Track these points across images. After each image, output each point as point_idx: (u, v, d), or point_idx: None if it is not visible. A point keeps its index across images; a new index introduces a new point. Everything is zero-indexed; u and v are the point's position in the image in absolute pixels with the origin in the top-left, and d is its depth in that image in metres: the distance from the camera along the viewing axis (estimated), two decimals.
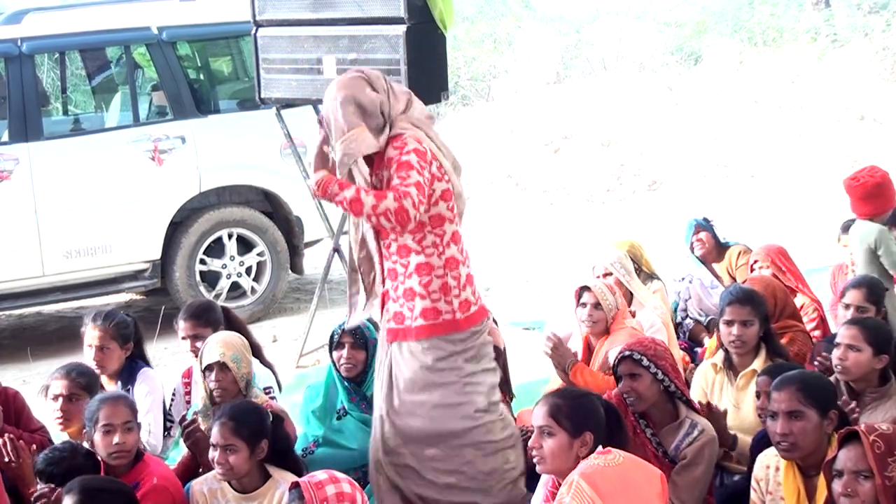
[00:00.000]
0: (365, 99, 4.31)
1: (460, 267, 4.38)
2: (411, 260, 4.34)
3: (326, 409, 5.00)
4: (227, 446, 4.12)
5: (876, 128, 13.57)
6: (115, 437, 4.20)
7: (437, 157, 4.34)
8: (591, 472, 3.47)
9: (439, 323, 4.34)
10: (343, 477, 3.60)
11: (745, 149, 13.04)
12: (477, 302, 4.45)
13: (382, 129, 4.32)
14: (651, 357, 4.48)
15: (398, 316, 4.39)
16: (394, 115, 4.36)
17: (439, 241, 4.34)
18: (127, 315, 5.40)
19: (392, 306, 4.41)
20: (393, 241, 4.36)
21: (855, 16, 17.28)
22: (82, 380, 4.66)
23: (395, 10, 6.40)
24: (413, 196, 4.14)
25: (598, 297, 5.38)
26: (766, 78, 14.54)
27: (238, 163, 8.60)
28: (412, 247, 4.34)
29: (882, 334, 4.60)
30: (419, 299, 4.33)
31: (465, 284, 4.39)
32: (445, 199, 4.35)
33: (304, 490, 3.48)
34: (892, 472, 3.24)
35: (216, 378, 4.72)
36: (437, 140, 4.42)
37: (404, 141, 4.27)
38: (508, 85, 15.77)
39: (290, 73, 6.95)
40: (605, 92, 14.30)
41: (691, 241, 6.97)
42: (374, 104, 4.32)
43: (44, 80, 11.89)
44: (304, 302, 9.00)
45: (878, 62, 15.14)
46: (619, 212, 11.99)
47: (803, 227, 10.01)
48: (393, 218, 4.13)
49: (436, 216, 4.33)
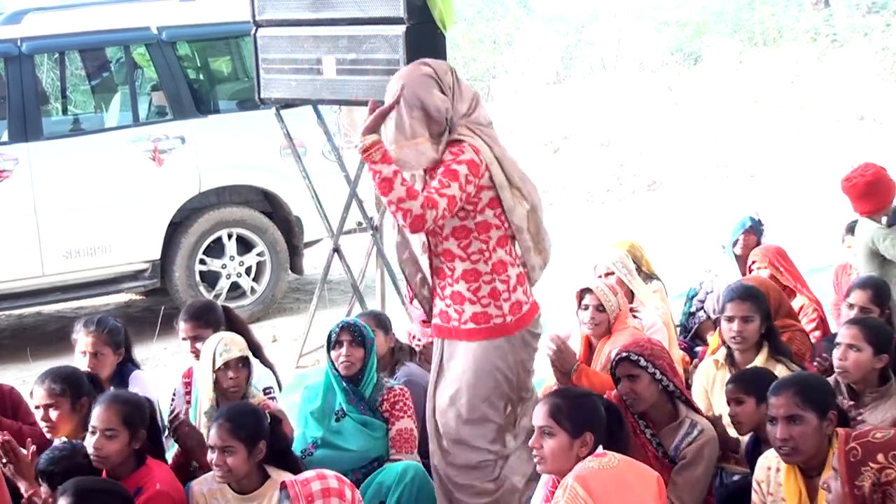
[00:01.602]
0: (431, 104, 4.16)
1: (509, 269, 4.33)
2: (456, 266, 4.29)
3: (325, 411, 4.99)
4: (225, 448, 4.11)
5: (875, 128, 13.58)
6: (94, 441, 4.18)
7: (490, 168, 4.21)
8: (586, 474, 3.47)
9: (490, 327, 4.32)
10: (331, 474, 3.65)
11: (744, 149, 13.04)
12: (529, 300, 4.43)
13: (442, 133, 4.20)
14: (648, 357, 4.48)
15: (444, 315, 4.38)
16: (456, 119, 4.22)
17: (485, 246, 4.28)
18: (116, 320, 5.39)
19: (439, 304, 4.40)
20: (440, 242, 4.31)
21: (854, 16, 17.29)
22: (57, 386, 4.56)
23: (395, 11, 6.39)
24: (439, 209, 4.04)
25: (600, 298, 5.34)
26: (766, 78, 14.55)
27: (238, 163, 8.60)
28: (457, 253, 4.29)
29: (882, 334, 4.60)
30: (468, 304, 4.31)
31: (515, 286, 4.35)
32: (492, 207, 4.26)
33: (290, 488, 3.54)
34: (863, 481, 3.14)
35: (234, 374, 4.71)
36: (498, 151, 4.27)
37: (462, 149, 4.14)
38: (508, 85, 15.77)
39: (289, 73, 6.95)
40: (605, 92, 14.31)
41: (738, 238, 6.81)
42: (440, 111, 4.17)
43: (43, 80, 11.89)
44: (303, 302, 9.00)
45: (878, 62, 15.15)
46: (618, 212, 11.99)
47: (803, 227, 10.00)
48: (409, 220, 4.03)
49: (482, 223, 4.26)
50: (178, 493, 4.24)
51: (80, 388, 4.63)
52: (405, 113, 4.14)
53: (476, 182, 4.15)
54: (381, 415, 4.89)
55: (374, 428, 4.86)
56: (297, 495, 3.52)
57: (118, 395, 4.44)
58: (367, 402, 4.91)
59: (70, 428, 4.55)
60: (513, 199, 4.30)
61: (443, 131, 4.21)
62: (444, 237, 4.30)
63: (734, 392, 4.46)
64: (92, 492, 3.83)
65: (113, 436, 4.18)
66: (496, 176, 4.24)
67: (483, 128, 4.29)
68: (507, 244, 4.34)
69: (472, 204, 4.22)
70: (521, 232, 4.36)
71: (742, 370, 4.76)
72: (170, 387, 5.46)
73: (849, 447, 3.19)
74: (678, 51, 16.66)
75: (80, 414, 4.53)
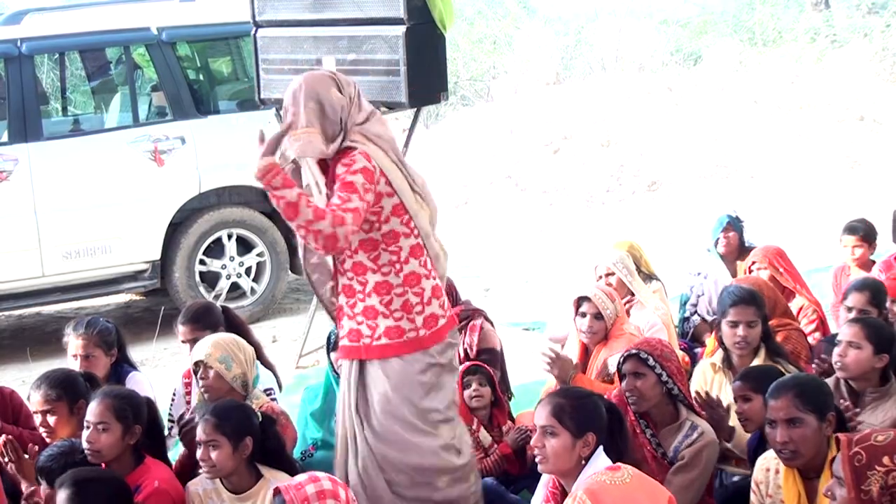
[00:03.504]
0: (327, 100, 4.16)
1: (423, 281, 4.24)
2: (369, 279, 4.21)
3: (325, 412, 4.98)
4: (209, 442, 4.13)
5: (876, 128, 13.57)
6: (87, 435, 4.20)
7: (386, 174, 4.16)
8: (597, 488, 3.47)
9: (403, 342, 4.22)
10: (323, 475, 3.65)
11: (744, 149, 13.04)
12: (446, 314, 4.33)
13: (335, 137, 4.17)
14: (657, 357, 4.47)
15: (354, 333, 4.26)
16: (349, 125, 4.19)
17: (395, 258, 4.20)
18: (107, 320, 5.38)
19: (348, 323, 4.28)
20: (348, 258, 4.23)
21: (854, 16, 17.29)
22: (53, 392, 4.56)
23: (395, 11, 6.40)
24: (348, 224, 3.93)
25: (598, 306, 5.31)
26: (766, 78, 14.54)
27: (237, 163, 8.57)
28: (368, 265, 4.21)
29: (883, 333, 4.59)
30: (382, 318, 4.21)
31: (430, 299, 4.26)
32: (398, 215, 4.20)
33: (284, 493, 3.54)
34: (870, 486, 3.12)
35: (201, 376, 4.75)
36: (395, 157, 4.25)
37: (353, 158, 4.08)
38: (508, 85, 15.76)
39: (289, 73, 6.92)
40: (605, 92, 14.30)
41: (718, 237, 6.86)
42: (334, 108, 4.16)
43: (43, 80, 11.89)
44: (303, 302, 9.00)
45: (878, 63, 15.14)
46: (618, 212, 11.99)
47: (803, 227, 10.00)
48: (321, 241, 3.93)
49: (388, 233, 4.20)
50: (178, 492, 4.24)
51: (76, 392, 4.63)
52: (301, 104, 4.15)
53: (374, 188, 4.10)
54: None
55: None
56: (292, 500, 3.51)
57: (111, 390, 4.46)
58: None
59: (69, 431, 4.54)
60: (416, 203, 4.26)
61: (336, 135, 4.17)
62: (352, 251, 4.21)
63: (742, 390, 4.44)
64: (89, 481, 3.86)
65: (106, 429, 4.20)
66: (395, 181, 4.19)
67: (378, 136, 4.24)
68: (422, 254, 4.26)
69: (376, 214, 4.16)
70: (429, 237, 4.31)
71: (749, 368, 4.73)
72: (170, 387, 5.46)
73: (852, 452, 3.16)
74: (678, 51, 16.64)
75: (79, 417, 4.51)
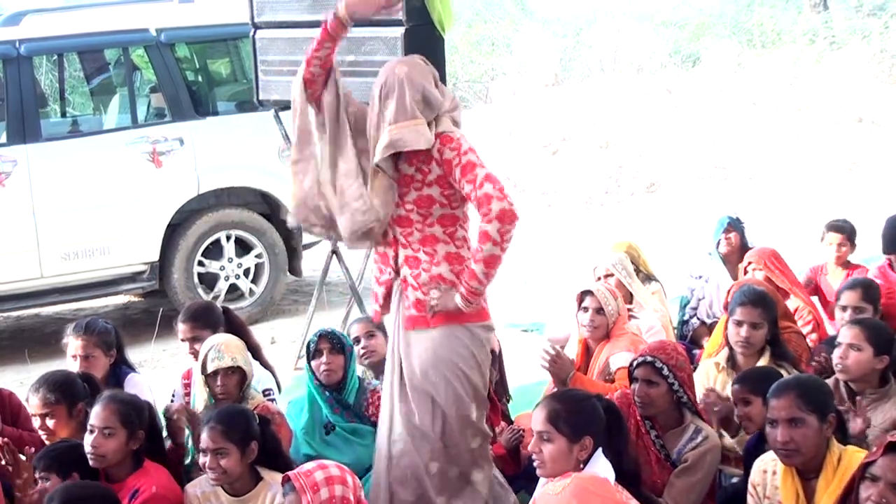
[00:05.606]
0: (431, 94, 4.21)
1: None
2: (439, 249, 4.26)
3: (314, 424, 4.97)
4: (218, 450, 4.12)
5: (874, 130, 13.58)
6: (92, 440, 4.19)
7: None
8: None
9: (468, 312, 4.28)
10: (331, 462, 3.67)
11: (743, 151, 13.05)
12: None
13: (430, 125, 4.22)
14: (672, 367, 4.47)
15: (420, 303, 4.30)
16: (441, 113, 4.26)
17: (467, 235, 4.30)
18: (106, 322, 5.38)
19: (413, 293, 4.31)
20: (417, 231, 4.27)
21: (853, 18, 17.32)
22: (52, 395, 4.55)
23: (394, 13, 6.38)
24: (494, 192, 4.03)
25: (600, 301, 5.33)
26: (765, 80, 14.56)
27: (236, 164, 8.60)
28: (441, 237, 4.26)
29: (883, 335, 4.60)
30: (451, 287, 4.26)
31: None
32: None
33: (294, 480, 3.55)
34: None
35: (222, 382, 4.71)
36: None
37: (459, 142, 4.17)
38: (506, 87, 15.77)
39: (288, 74, 6.89)
40: (604, 94, 14.31)
41: (719, 238, 6.85)
42: (437, 100, 4.23)
43: (42, 81, 11.91)
44: (302, 304, 9.00)
45: (877, 64, 15.16)
46: (617, 214, 11.99)
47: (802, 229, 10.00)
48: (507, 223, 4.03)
49: (465, 211, 4.29)
50: (176, 496, 4.24)
51: (75, 394, 4.62)
52: (408, 94, 4.17)
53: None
54: (369, 419, 4.89)
55: (363, 435, 4.86)
56: (302, 487, 3.52)
57: (117, 395, 4.44)
58: (353, 409, 4.92)
59: (68, 434, 4.54)
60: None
61: (430, 122, 4.23)
62: (428, 223, 4.26)
63: (741, 392, 4.44)
64: (79, 499, 3.81)
65: (111, 434, 4.19)
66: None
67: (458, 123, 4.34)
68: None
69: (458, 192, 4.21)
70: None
71: (747, 370, 4.74)
72: (169, 388, 5.46)
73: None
74: (677, 53, 16.66)
75: (77, 419, 4.53)
